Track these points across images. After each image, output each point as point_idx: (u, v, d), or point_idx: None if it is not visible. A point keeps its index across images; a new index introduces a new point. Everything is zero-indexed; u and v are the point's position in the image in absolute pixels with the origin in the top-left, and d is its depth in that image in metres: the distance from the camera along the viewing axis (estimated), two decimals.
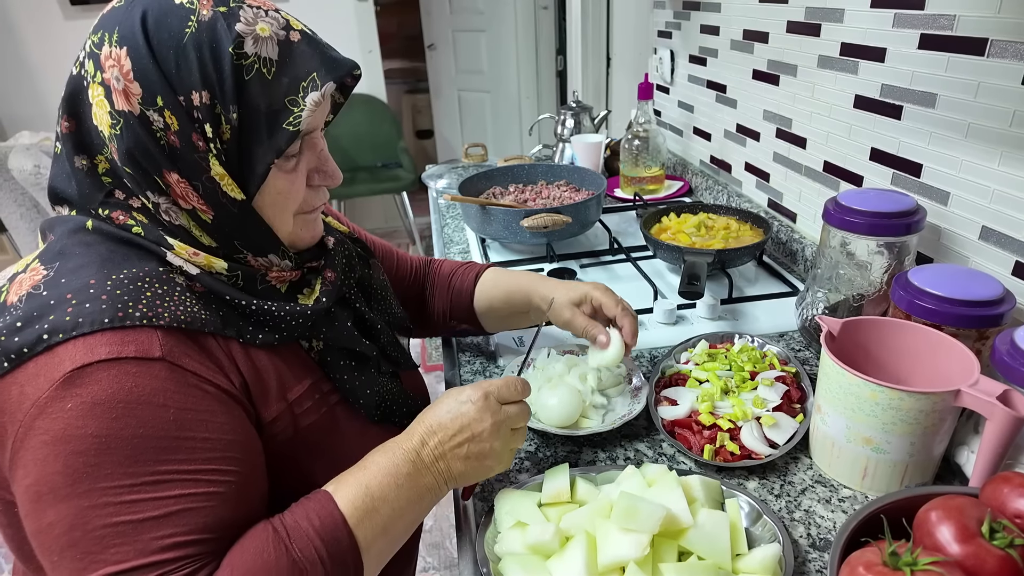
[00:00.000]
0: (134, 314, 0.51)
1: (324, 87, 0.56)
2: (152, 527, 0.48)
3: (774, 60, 1.24)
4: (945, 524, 0.49)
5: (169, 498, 0.49)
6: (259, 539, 0.52)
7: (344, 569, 0.53)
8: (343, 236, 0.77)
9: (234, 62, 0.53)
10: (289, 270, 0.65)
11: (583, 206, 1.23)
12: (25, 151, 2.43)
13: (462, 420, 0.62)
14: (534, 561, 0.59)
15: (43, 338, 0.49)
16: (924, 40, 0.88)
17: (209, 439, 0.52)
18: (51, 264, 0.54)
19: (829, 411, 0.70)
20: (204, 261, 0.58)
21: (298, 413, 0.62)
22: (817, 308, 0.94)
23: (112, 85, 0.53)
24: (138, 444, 0.49)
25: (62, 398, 0.48)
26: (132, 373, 0.49)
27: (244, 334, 0.59)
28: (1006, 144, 0.78)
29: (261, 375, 0.59)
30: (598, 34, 2.47)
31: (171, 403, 0.51)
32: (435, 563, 1.91)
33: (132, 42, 0.53)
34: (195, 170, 0.55)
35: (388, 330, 0.77)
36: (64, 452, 0.48)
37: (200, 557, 0.50)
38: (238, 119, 0.54)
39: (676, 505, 0.60)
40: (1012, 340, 0.64)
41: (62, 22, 3.21)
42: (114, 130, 0.54)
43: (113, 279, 0.53)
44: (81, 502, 0.48)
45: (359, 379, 0.68)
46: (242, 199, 0.57)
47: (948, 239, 0.88)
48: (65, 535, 0.48)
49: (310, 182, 0.62)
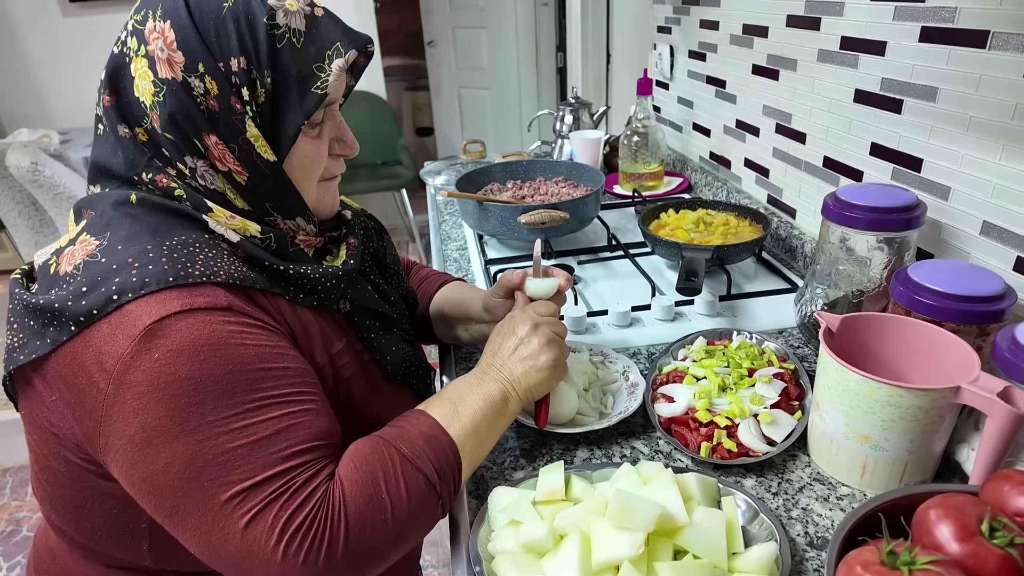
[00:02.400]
0: (194, 272, 0.55)
1: (347, 54, 0.62)
2: (268, 444, 0.53)
3: (774, 55, 1.23)
4: (944, 522, 0.48)
5: (273, 418, 0.54)
6: (370, 443, 0.59)
7: (447, 462, 0.61)
8: (358, 211, 0.82)
9: (268, 32, 0.58)
10: (314, 235, 0.70)
11: (581, 202, 1.22)
12: (23, 148, 2.43)
13: (507, 330, 0.73)
14: (527, 560, 0.58)
15: (113, 299, 0.52)
16: (925, 33, 0.87)
17: (289, 367, 0.57)
18: (102, 235, 0.57)
19: (828, 408, 0.69)
20: (239, 224, 0.62)
21: (339, 366, 0.67)
22: (816, 304, 0.93)
23: (156, 55, 0.58)
24: (230, 379, 0.53)
25: (147, 350, 0.51)
26: (207, 320, 0.53)
27: (288, 293, 0.64)
28: (1008, 138, 0.77)
29: (307, 329, 0.64)
30: (598, 30, 2.46)
31: (248, 341, 0.55)
32: (433, 561, 1.91)
33: (175, 15, 0.57)
34: (232, 132, 0.59)
35: (401, 303, 0.82)
36: (164, 397, 0.51)
37: (320, 460, 0.56)
38: (272, 83, 0.59)
39: (671, 503, 0.59)
40: (1013, 336, 0.63)
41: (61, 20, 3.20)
42: (157, 97, 0.58)
43: (168, 244, 0.56)
44: (195, 436, 0.51)
45: (384, 338, 0.73)
46: (274, 160, 0.62)
47: (949, 234, 0.87)
48: (186, 469, 0.51)
49: (331, 151, 0.68)
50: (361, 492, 0.55)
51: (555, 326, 0.74)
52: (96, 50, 3.25)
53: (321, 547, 0.52)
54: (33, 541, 0.73)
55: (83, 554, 0.66)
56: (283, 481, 0.52)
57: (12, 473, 2.33)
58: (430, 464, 0.59)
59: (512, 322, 0.74)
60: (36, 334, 0.54)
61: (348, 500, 0.54)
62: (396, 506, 0.56)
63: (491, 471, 0.75)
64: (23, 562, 1.98)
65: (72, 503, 0.62)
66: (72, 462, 0.59)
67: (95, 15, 3.22)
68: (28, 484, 2.26)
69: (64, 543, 0.67)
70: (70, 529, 0.64)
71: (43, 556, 0.69)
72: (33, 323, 0.55)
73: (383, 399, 0.72)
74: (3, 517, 2.15)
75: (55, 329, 0.53)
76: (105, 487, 0.59)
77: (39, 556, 0.70)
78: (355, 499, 0.54)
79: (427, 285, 0.97)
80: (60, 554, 0.67)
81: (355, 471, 0.56)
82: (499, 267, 1.22)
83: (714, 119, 1.52)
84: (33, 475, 0.64)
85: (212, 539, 0.51)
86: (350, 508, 0.54)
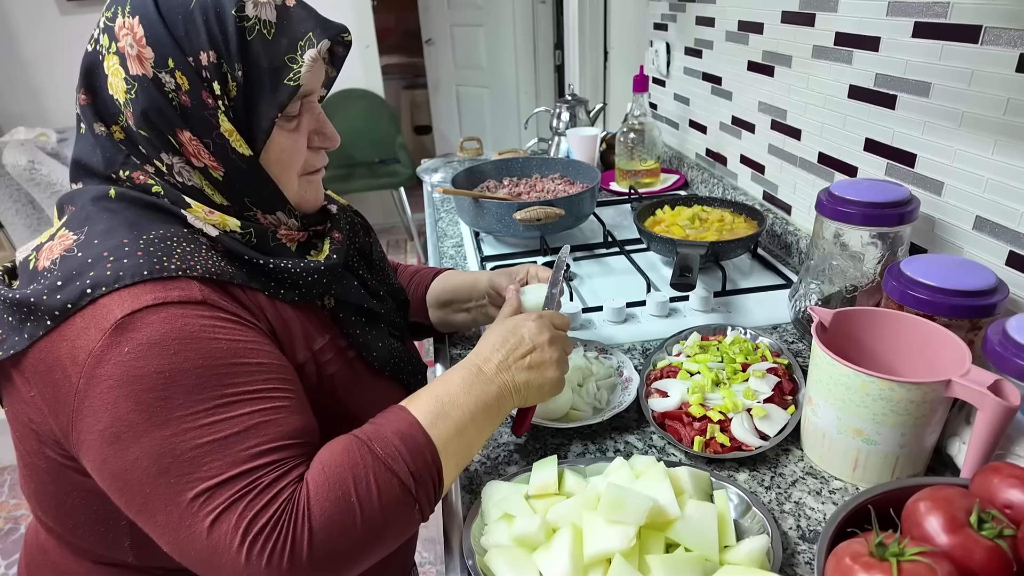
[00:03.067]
0: (169, 266, 0.54)
1: (320, 44, 0.60)
2: (237, 441, 0.52)
3: (769, 51, 1.23)
4: (933, 515, 0.48)
5: (243, 415, 0.53)
6: (343, 442, 0.57)
7: (424, 463, 0.57)
8: (344, 206, 0.81)
9: (237, 24, 0.57)
10: (296, 230, 0.68)
11: (576, 199, 1.22)
12: (20, 147, 2.42)
13: (523, 334, 0.69)
14: (520, 553, 0.59)
15: (87, 292, 0.52)
16: (918, 28, 0.87)
17: (263, 363, 0.56)
18: (80, 229, 0.57)
19: (820, 402, 0.69)
20: (219, 219, 0.61)
21: (322, 362, 0.66)
22: (810, 300, 0.93)
23: (126, 52, 0.57)
24: (201, 373, 0.52)
25: (118, 344, 0.50)
26: (180, 314, 0.52)
27: (268, 288, 0.62)
28: (1000, 133, 0.77)
29: (288, 324, 0.63)
30: (595, 28, 2.46)
31: (221, 336, 0.54)
32: (431, 558, 1.91)
33: (143, 11, 0.57)
34: (206, 127, 0.58)
35: (389, 298, 0.81)
36: (133, 392, 0.50)
37: (289, 460, 0.54)
38: (243, 76, 0.58)
39: (663, 496, 0.59)
40: (1004, 330, 0.63)
41: (57, 17, 3.19)
42: (129, 95, 0.58)
43: (145, 238, 0.55)
44: (163, 431, 0.50)
45: (370, 334, 0.72)
46: (250, 155, 0.61)
47: (942, 229, 0.88)
48: (154, 465, 0.50)
49: (310, 144, 0.67)
50: (328, 494, 0.53)
51: (566, 343, 0.72)
52: None
53: (284, 549, 0.50)
54: (24, 538, 0.73)
55: (71, 550, 0.65)
56: (249, 480, 0.51)
57: (10, 472, 2.33)
58: (404, 466, 0.56)
59: (524, 326, 0.70)
60: (15, 329, 0.54)
61: (313, 503, 0.52)
62: (366, 509, 0.54)
63: (484, 465, 0.75)
64: None
65: (55, 499, 0.61)
66: (52, 458, 0.58)
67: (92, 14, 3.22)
68: None
69: (53, 539, 0.66)
70: (56, 526, 0.64)
71: (34, 553, 0.69)
72: (12, 319, 0.54)
73: (372, 396, 0.70)
74: (1, 515, 2.15)
75: (32, 324, 0.53)
76: (85, 483, 0.58)
77: (30, 553, 0.70)
78: (321, 502, 0.52)
79: (420, 277, 0.97)
80: (50, 550, 0.67)
81: (323, 472, 0.54)
82: (495, 263, 1.22)
83: (710, 116, 1.52)
84: (19, 471, 0.64)
85: (180, 537, 0.51)
86: (315, 511, 0.52)
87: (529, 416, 0.75)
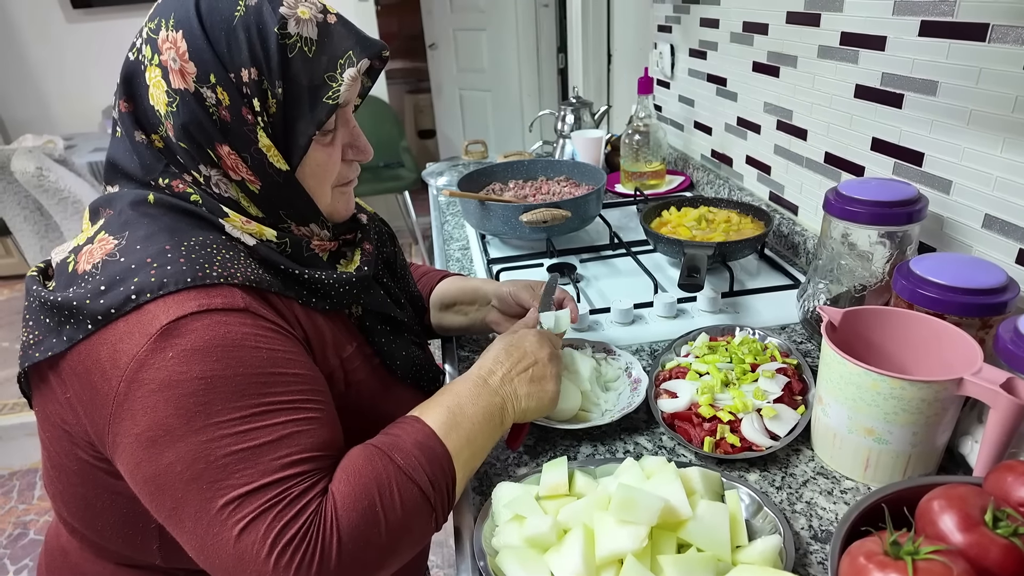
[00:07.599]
0: (211, 273, 0.55)
1: (359, 63, 0.61)
2: (270, 450, 0.52)
3: (774, 52, 1.23)
4: (948, 513, 0.48)
5: (278, 424, 0.53)
6: (365, 453, 0.58)
7: (442, 473, 0.59)
8: (372, 215, 0.82)
9: (279, 41, 0.58)
10: (328, 240, 0.70)
11: (582, 200, 1.22)
12: (28, 154, 2.44)
13: (525, 347, 0.72)
14: (531, 554, 0.59)
15: (131, 298, 0.52)
16: (924, 27, 0.87)
17: (299, 374, 0.57)
18: (120, 234, 0.58)
19: (830, 402, 0.69)
20: (255, 229, 0.62)
21: (349, 370, 0.67)
22: (819, 300, 0.93)
23: (169, 66, 0.58)
24: (241, 381, 0.52)
25: (161, 349, 0.51)
26: (223, 321, 0.53)
27: (301, 296, 0.64)
28: (1008, 131, 0.77)
29: (320, 333, 0.64)
30: (599, 31, 2.46)
31: (262, 344, 0.55)
32: (439, 561, 1.91)
33: (187, 25, 0.57)
34: (244, 142, 0.59)
35: (410, 307, 0.83)
36: (173, 396, 0.51)
37: (317, 471, 0.55)
38: (283, 93, 0.59)
39: (675, 497, 0.59)
40: (1016, 328, 0.63)
41: (64, 25, 3.22)
42: (170, 107, 0.58)
43: (186, 244, 0.56)
44: (199, 437, 0.51)
45: (395, 343, 0.73)
46: (286, 169, 0.62)
47: (951, 228, 0.87)
48: (188, 470, 0.51)
49: (344, 156, 0.68)
50: (355, 505, 0.54)
51: (560, 361, 0.75)
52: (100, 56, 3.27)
53: (313, 561, 0.51)
54: (45, 539, 0.73)
55: (94, 552, 0.66)
56: (280, 490, 0.52)
57: (19, 476, 2.34)
58: (425, 476, 0.57)
59: (527, 339, 0.73)
60: (52, 331, 0.55)
61: (341, 514, 0.53)
62: (390, 519, 0.55)
63: (495, 467, 0.75)
64: (30, 565, 1.99)
65: (83, 501, 0.62)
66: (84, 460, 0.59)
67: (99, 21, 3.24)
68: (35, 487, 2.27)
69: (76, 541, 0.67)
70: (81, 527, 0.64)
71: (55, 554, 0.70)
72: (49, 320, 0.55)
73: (392, 402, 0.71)
74: (10, 520, 2.16)
75: (72, 327, 0.53)
76: (116, 485, 0.59)
77: (51, 554, 0.70)
78: (348, 512, 0.53)
79: (427, 279, 0.98)
80: (72, 552, 0.68)
81: (348, 483, 0.55)
82: (502, 266, 1.22)
83: (715, 117, 1.52)
84: (45, 472, 0.65)
85: (207, 543, 0.51)
86: (343, 522, 0.53)
87: (525, 428, 0.75)
